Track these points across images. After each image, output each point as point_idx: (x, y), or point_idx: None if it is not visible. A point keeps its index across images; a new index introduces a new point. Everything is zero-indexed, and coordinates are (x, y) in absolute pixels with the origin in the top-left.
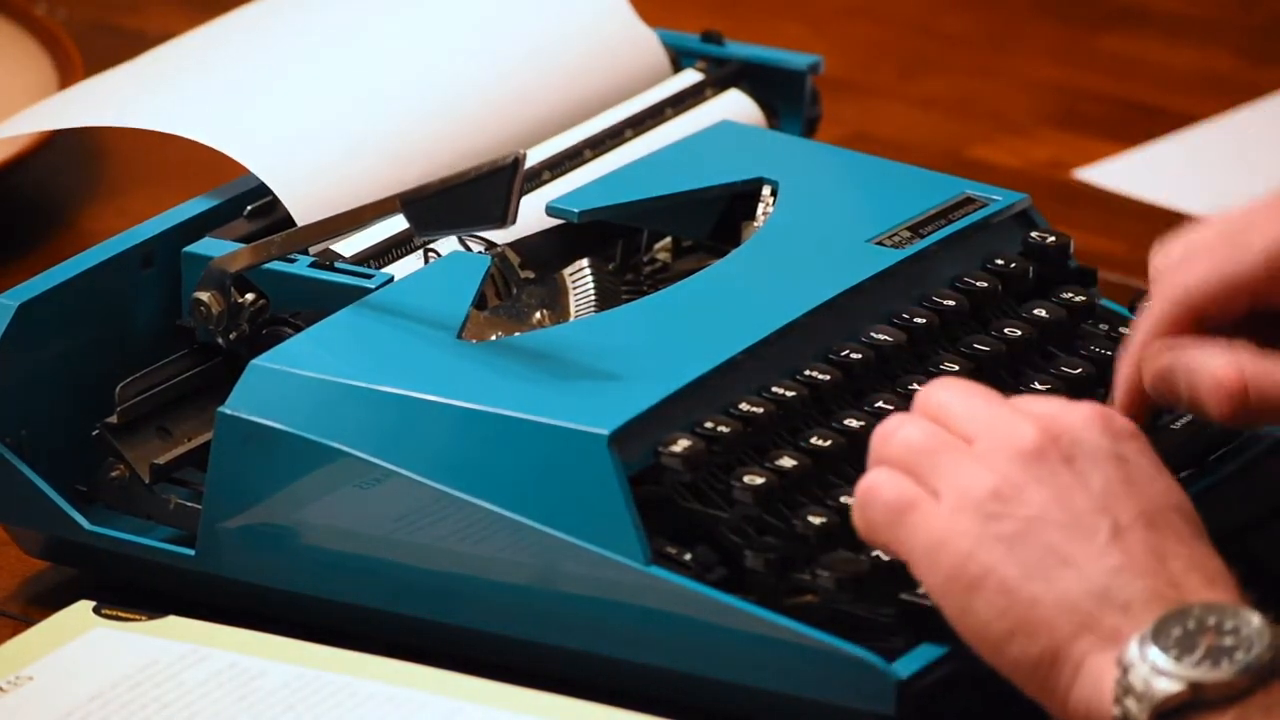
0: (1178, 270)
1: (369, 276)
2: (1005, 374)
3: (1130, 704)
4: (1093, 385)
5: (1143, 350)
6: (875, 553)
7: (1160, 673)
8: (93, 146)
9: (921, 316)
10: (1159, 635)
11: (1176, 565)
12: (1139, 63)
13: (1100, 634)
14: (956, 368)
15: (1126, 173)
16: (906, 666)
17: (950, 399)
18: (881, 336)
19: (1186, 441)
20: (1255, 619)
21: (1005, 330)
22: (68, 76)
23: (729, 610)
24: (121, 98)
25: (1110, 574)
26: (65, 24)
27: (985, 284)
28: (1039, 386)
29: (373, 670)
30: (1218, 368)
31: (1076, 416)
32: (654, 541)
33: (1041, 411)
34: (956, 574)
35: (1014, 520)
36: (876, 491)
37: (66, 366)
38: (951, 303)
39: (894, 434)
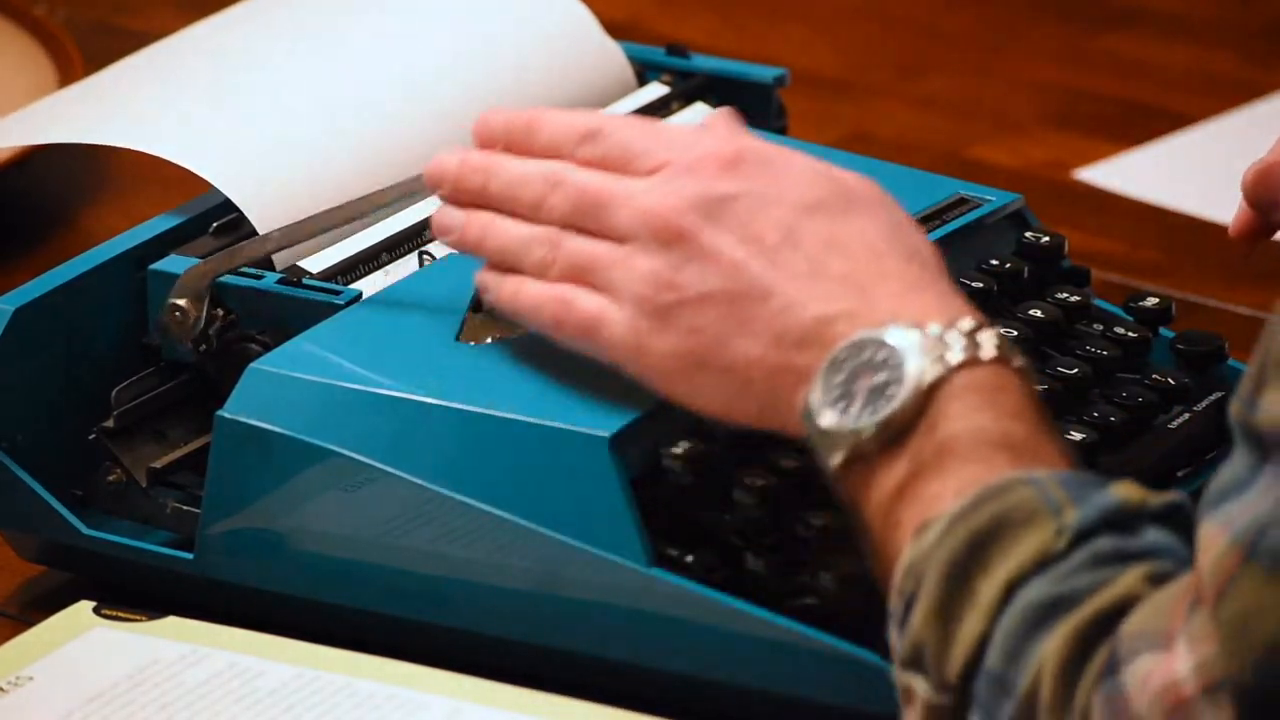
0: None
1: (337, 293)
2: None
3: (817, 444)
4: (1089, 386)
5: (1271, 158)
6: None
7: (829, 433)
8: (93, 147)
9: None
10: (825, 388)
11: (835, 269)
12: (1139, 63)
13: (791, 373)
14: None
15: (1126, 173)
16: None
17: (574, 206)
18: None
19: (1184, 441)
20: (904, 339)
21: (1001, 331)
22: (68, 76)
23: (731, 612)
24: (88, 114)
25: (779, 315)
26: (65, 24)
27: (980, 284)
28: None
29: (372, 670)
30: None
31: (676, 176)
32: (656, 544)
33: (635, 190)
34: (661, 370)
35: (685, 305)
36: (570, 311)
37: (63, 371)
38: None
39: (558, 253)
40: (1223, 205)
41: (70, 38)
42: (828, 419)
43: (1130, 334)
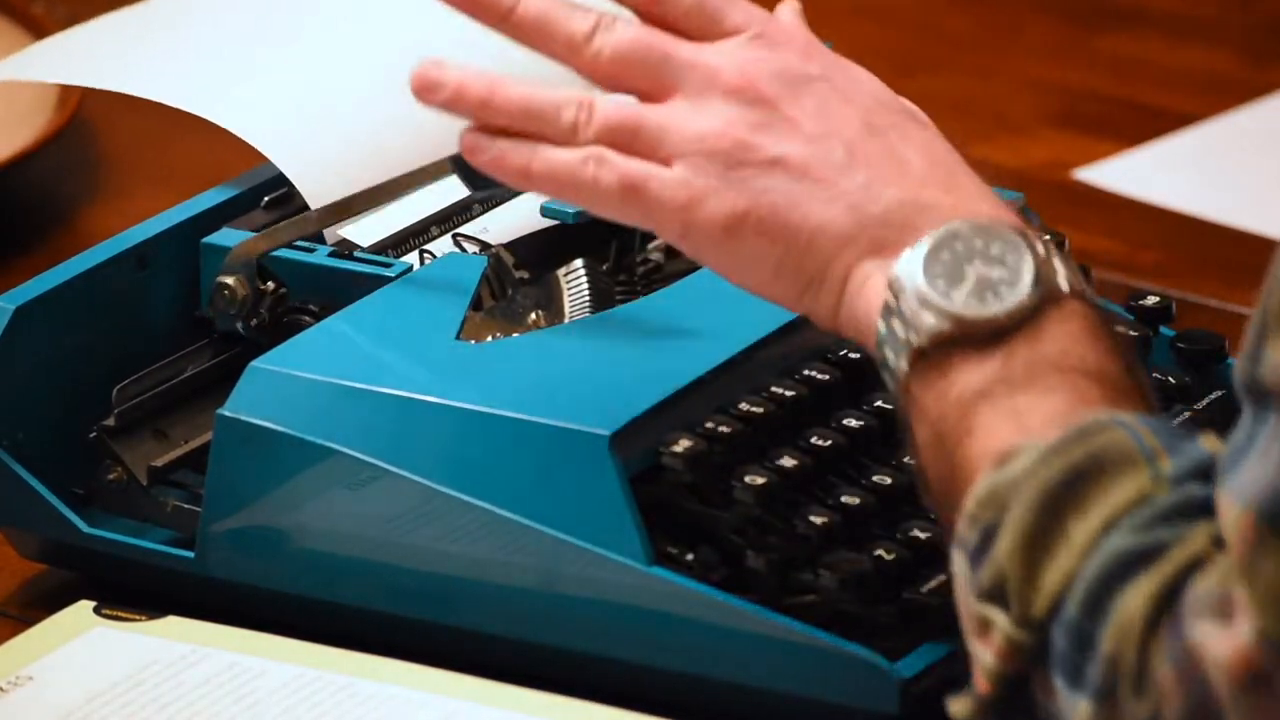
0: None
1: (388, 265)
2: None
3: (896, 329)
4: None
5: None
6: (878, 552)
7: (926, 304)
8: (93, 147)
9: None
10: (928, 261)
11: (916, 165)
12: (1139, 63)
13: (862, 246)
14: None
15: (1126, 173)
16: (909, 666)
17: (628, 50)
18: None
19: None
20: (1025, 247)
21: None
22: None
23: (731, 610)
24: (126, 61)
25: (859, 190)
26: (65, 24)
27: None
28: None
29: (372, 670)
30: None
31: (758, 49)
32: (656, 542)
33: (717, 50)
34: (711, 229)
35: (753, 165)
36: (606, 168)
37: (63, 369)
38: None
39: (594, 113)
40: (1223, 205)
41: None
42: (927, 290)
43: (1131, 333)
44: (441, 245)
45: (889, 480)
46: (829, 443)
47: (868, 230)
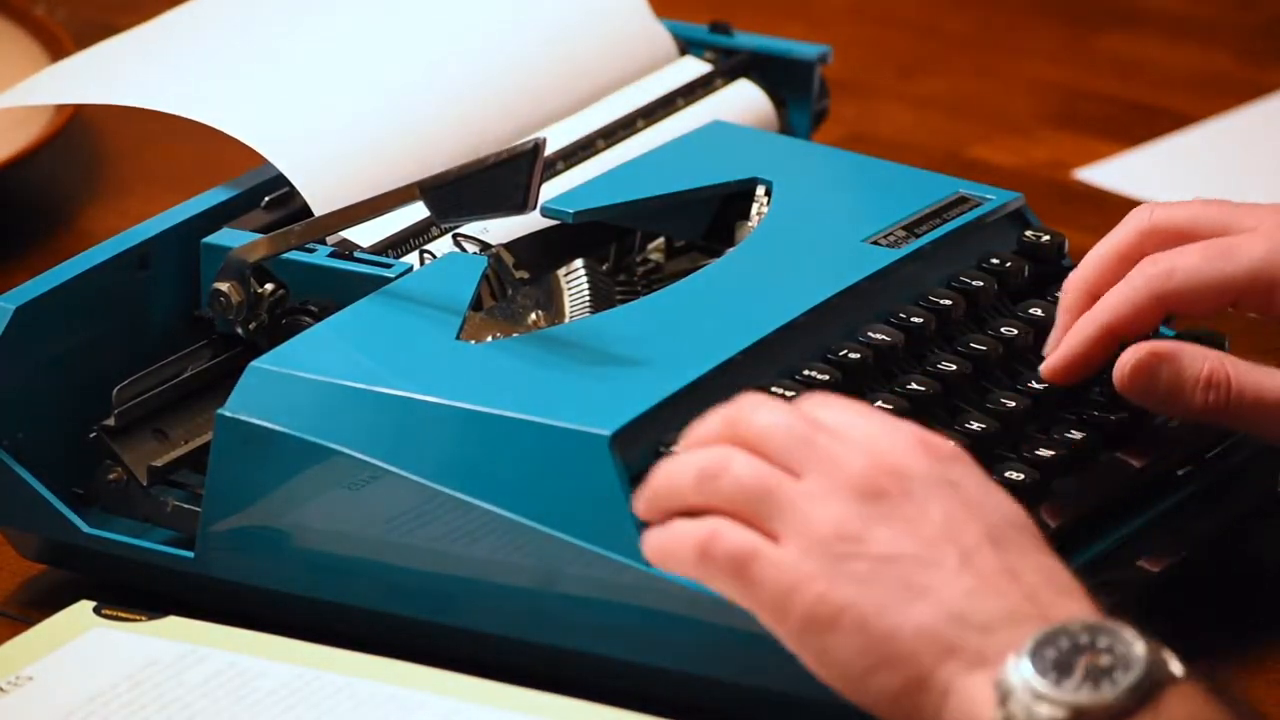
0: (1166, 255)
1: (388, 266)
2: (1002, 373)
3: None
4: (1090, 384)
5: (1112, 321)
6: None
7: (1040, 698)
8: (93, 147)
9: (919, 316)
10: (1035, 658)
11: (1028, 580)
12: (1139, 63)
13: (964, 658)
14: (954, 367)
15: (1126, 173)
16: None
17: (769, 424)
18: (879, 336)
19: (1184, 439)
20: (1131, 635)
21: (1002, 329)
22: None
23: (731, 610)
24: (131, 76)
25: (966, 597)
26: (65, 24)
27: (981, 283)
28: (1035, 385)
29: (372, 670)
30: (1206, 361)
31: (902, 444)
32: None
33: (865, 438)
34: (810, 617)
35: (864, 560)
36: (719, 541)
37: (63, 369)
38: (948, 302)
39: (724, 472)
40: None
41: (70, 38)
42: (1038, 684)
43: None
44: (441, 245)
45: None
46: None
47: (970, 641)
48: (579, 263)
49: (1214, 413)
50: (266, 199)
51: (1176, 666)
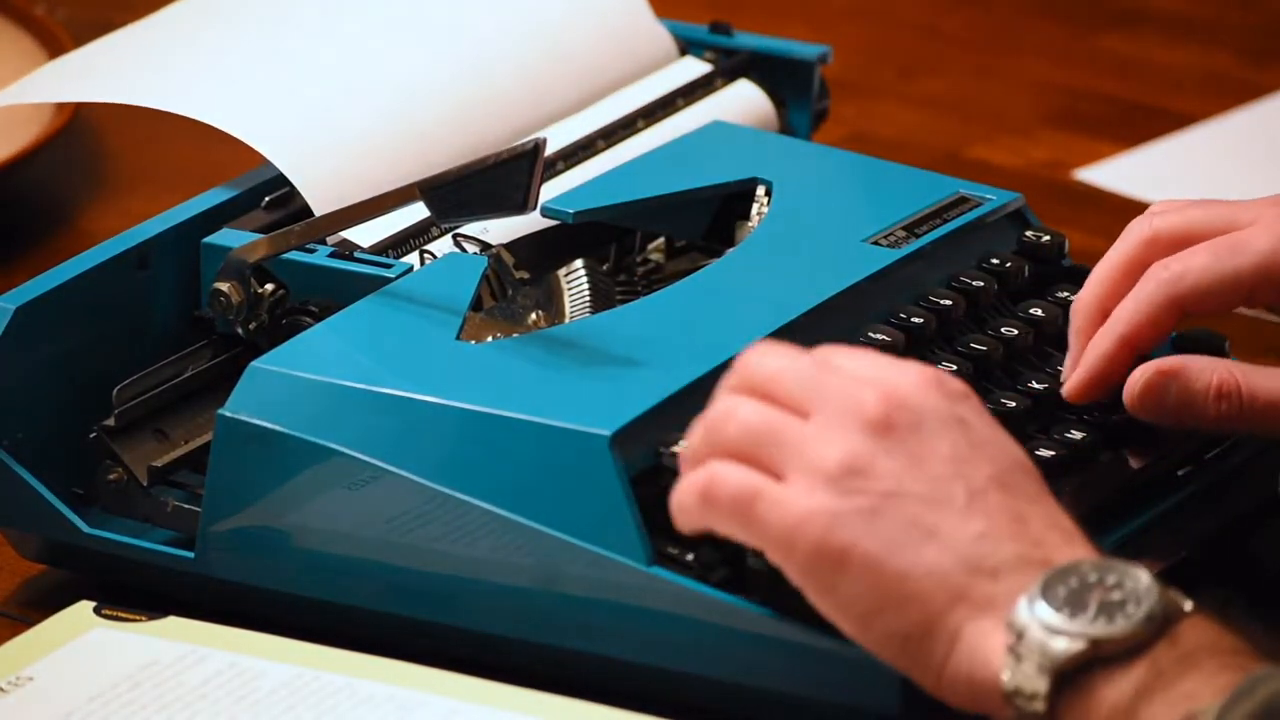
0: (1175, 259)
1: (388, 266)
2: (1002, 373)
3: (1026, 669)
4: None
5: (1128, 331)
6: None
7: (1056, 632)
8: (93, 147)
9: (919, 316)
10: (1047, 595)
11: (1035, 525)
12: (1139, 63)
13: (973, 602)
14: (955, 367)
15: (1126, 173)
16: None
17: (777, 368)
18: (879, 336)
19: (1183, 439)
20: (1140, 572)
21: (1002, 329)
22: None
23: (731, 610)
24: (130, 74)
25: (975, 541)
26: (65, 24)
27: (981, 283)
28: (1036, 385)
29: (372, 670)
30: (1215, 372)
31: (912, 380)
32: (656, 542)
33: (876, 376)
34: (818, 554)
35: (870, 495)
36: (719, 483)
37: (63, 369)
38: (948, 302)
39: (729, 417)
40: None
41: (70, 38)
42: (1053, 619)
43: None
44: (441, 245)
45: None
46: None
47: (978, 586)
48: (579, 263)
49: (1229, 421)
50: (266, 199)
51: (1186, 602)
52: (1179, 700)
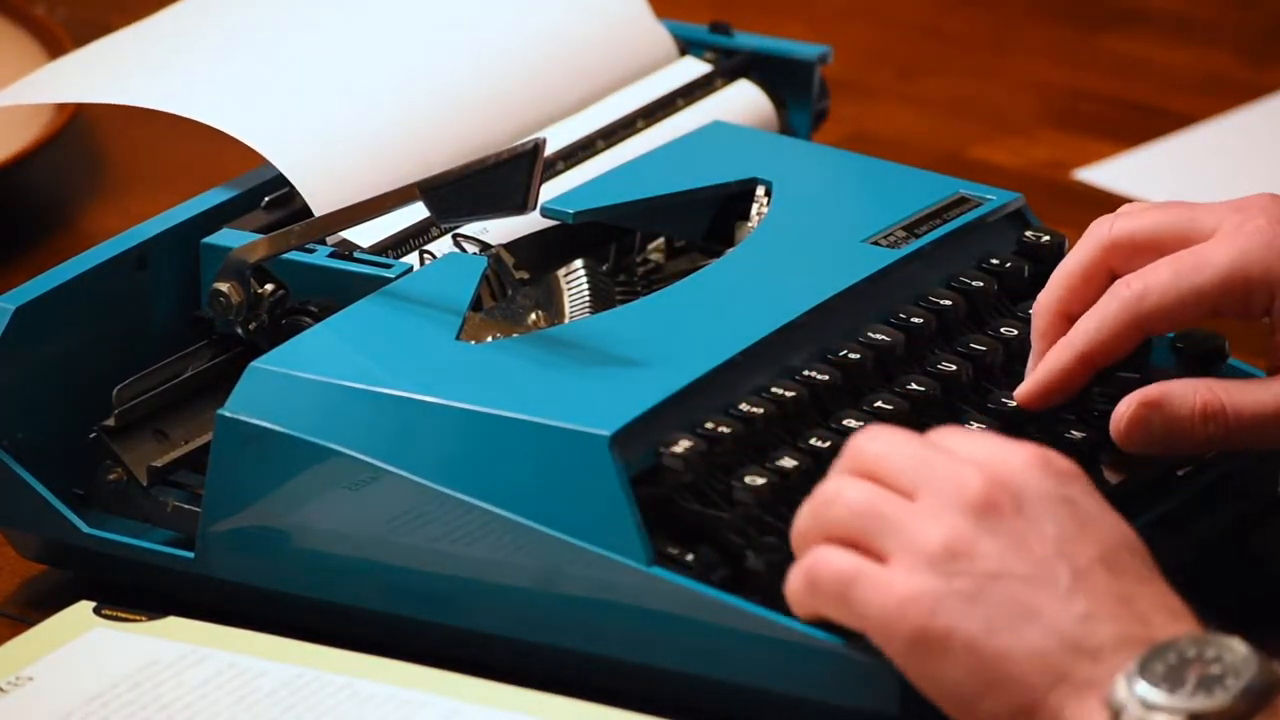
0: (1137, 276)
1: (388, 266)
2: (1002, 373)
3: None
4: (1090, 384)
5: (1088, 348)
6: None
7: (1154, 708)
8: (93, 147)
9: (919, 316)
10: (1145, 671)
11: (1141, 605)
12: (1139, 63)
13: (1075, 683)
14: (954, 368)
15: (1126, 173)
16: None
17: (885, 450)
18: (879, 336)
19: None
20: (1239, 645)
21: (1002, 330)
22: None
23: (731, 611)
24: (130, 75)
25: (1078, 622)
26: (65, 24)
27: (981, 283)
28: None
29: (373, 670)
30: (1197, 395)
31: (1018, 461)
32: (656, 542)
33: (982, 457)
34: (919, 637)
35: (973, 577)
36: (822, 566)
37: (63, 369)
38: (948, 302)
39: (835, 498)
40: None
41: (70, 38)
42: (1151, 695)
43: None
44: (441, 245)
45: None
46: (829, 443)
47: (1080, 667)
48: (579, 263)
49: (1218, 442)
50: (266, 199)
51: None
52: None
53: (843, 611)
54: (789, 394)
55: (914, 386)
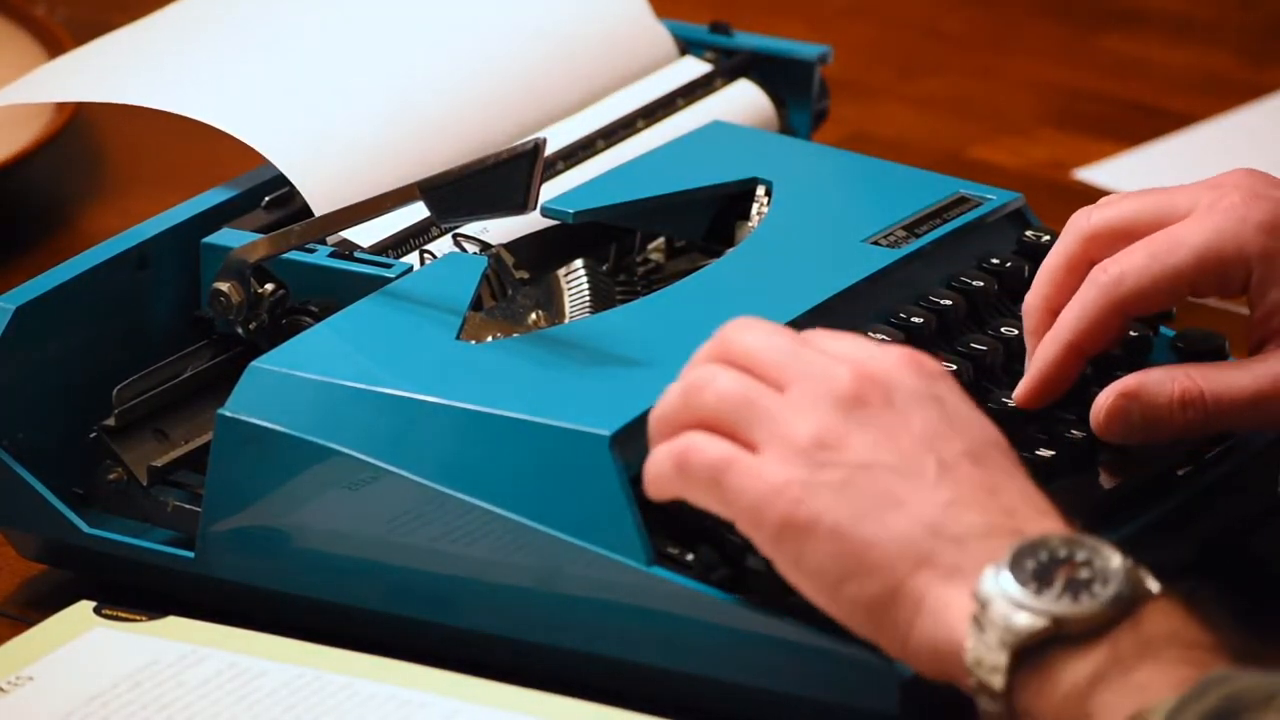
0: (1113, 261)
1: (388, 266)
2: (1002, 373)
3: (989, 640)
4: (1090, 384)
5: (1072, 338)
6: None
7: (1020, 607)
8: (93, 147)
9: (919, 316)
10: (1015, 568)
11: (1007, 497)
12: (1139, 63)
13: (939, 568)
14: (955, 367)
15: (1126, 173)
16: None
17: (756, 342)
18: (879, 336)
19: (1182, 440)
20: (1110, 551)
21: (1002, 330)
22: None
23: (731, 610)
24: (130, 74)
25: (942, 509)
26: (65, 24)
27: (981, 283)
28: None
29: (373, 670)
30: (1175, 383)
31: (889, 359)
32: (656, 542)
33: (853, 355)
34: (786, 524)
35: (841, 467)
36: (694, 452)
37: (64, 369)
38: (948, 302)
39: (707, 385)
40: None
41: (70, 38)
42: (1018, 593)
43: (1130, 333)
44: (441, 245)
45: None
46: None
47: (944, 552)
48: (579, 263)
49: (1198, 427)
50: (266, 199)
51: (1154, 584)
52: (1132, 691)
53: (712, 498)
54: None
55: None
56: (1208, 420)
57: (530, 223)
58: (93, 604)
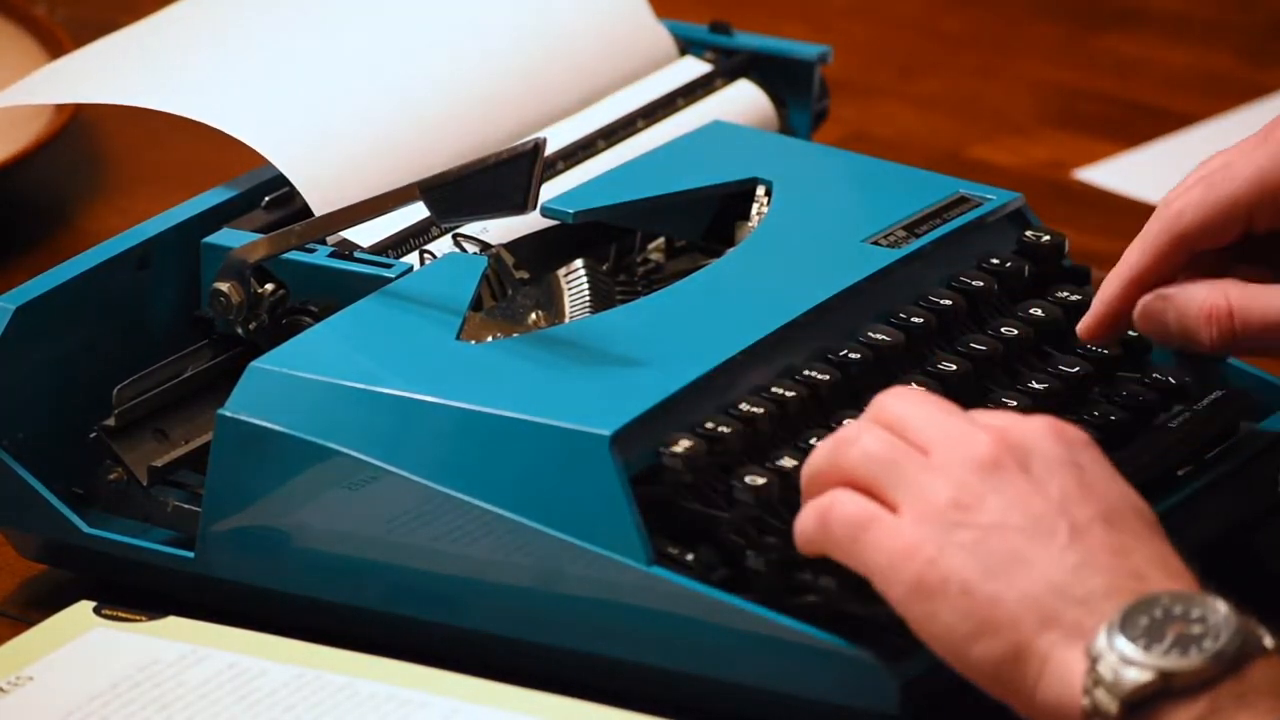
0: (1175, 196)
1: (388, 266)
2: (1001, 373)
3: (1100, 695)
4: (1090, 384)
5: (1133, 273)
6: None
7: (1129, 662)
8: (93, 146)
9: (919, 316)
10: (1126, 625)
11: (1137, 559)
12: (1139, 63)
13: (1064, 628)
14: (955, 367)
15: (1126, 173)
16: (910, 666)
17: (907, 409)
18: (879, 336)
19: (1184, 440)
20: (1222, 607)
21: (1002, 330)
22: None
23: (731, 610)
24: (130, 75)
25: (1070, 570)
26: (65, 24)
27: (981, 283)
28: (1036, 385)
29: (373, 670)
30: (1205, 297)
31: (1030, 426)
32: (656, 542)
33: (996, 422)
34: (918, 582)
35: (974, 528)
36: (836, 509)
37: (64, 369)
38: (948, 302)
39: (854, 443)
40: None
41: (70, 38)
42: (1127, 649)
43: (1131, 333)
44: (441, 245)
45: None
46: None
47: (1069, 612)
48: (579, 263)
49: (1225, 345)
50: (266, 199)
51: (1268, 639)
52: None
53: (851, 554)
54: (789, 394)
55: (914, 386)
56: (1235, 339)
57: (530, 223)
58: (93, 604)
